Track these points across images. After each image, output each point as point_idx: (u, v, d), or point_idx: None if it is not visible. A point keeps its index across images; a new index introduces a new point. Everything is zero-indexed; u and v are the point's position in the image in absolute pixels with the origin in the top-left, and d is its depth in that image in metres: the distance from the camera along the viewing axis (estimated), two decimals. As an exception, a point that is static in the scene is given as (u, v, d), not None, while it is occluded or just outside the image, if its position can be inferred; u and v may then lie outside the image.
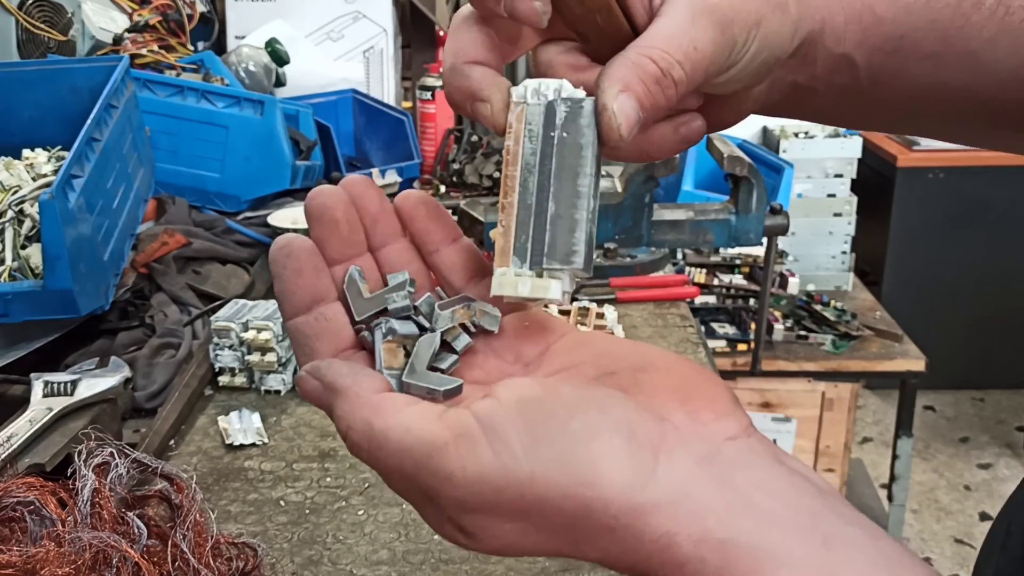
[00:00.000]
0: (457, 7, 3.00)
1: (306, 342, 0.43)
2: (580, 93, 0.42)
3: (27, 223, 1.26)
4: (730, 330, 2.44)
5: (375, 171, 1.94)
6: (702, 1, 0.42)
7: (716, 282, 2.49)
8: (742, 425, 0.38)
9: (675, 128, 0.46)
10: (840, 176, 2.82)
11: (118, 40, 1.84)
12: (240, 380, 1.28)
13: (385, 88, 2.27)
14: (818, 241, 2.81)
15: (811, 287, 2.75)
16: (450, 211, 1.92)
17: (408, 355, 0.42)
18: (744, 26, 0.42)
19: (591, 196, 0.40)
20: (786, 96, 0.50)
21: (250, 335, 1.25)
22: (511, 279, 0.40)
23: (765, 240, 2.10)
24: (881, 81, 0.49)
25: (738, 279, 2.49)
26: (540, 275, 0.40)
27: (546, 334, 0.43)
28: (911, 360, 2.41)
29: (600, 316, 1.42)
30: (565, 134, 0.41)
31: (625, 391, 0.38)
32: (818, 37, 0.47)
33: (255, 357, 1.26)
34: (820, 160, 2.79)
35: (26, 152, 1.40)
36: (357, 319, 0.43)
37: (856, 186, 2.87)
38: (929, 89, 0.49)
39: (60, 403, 1.09)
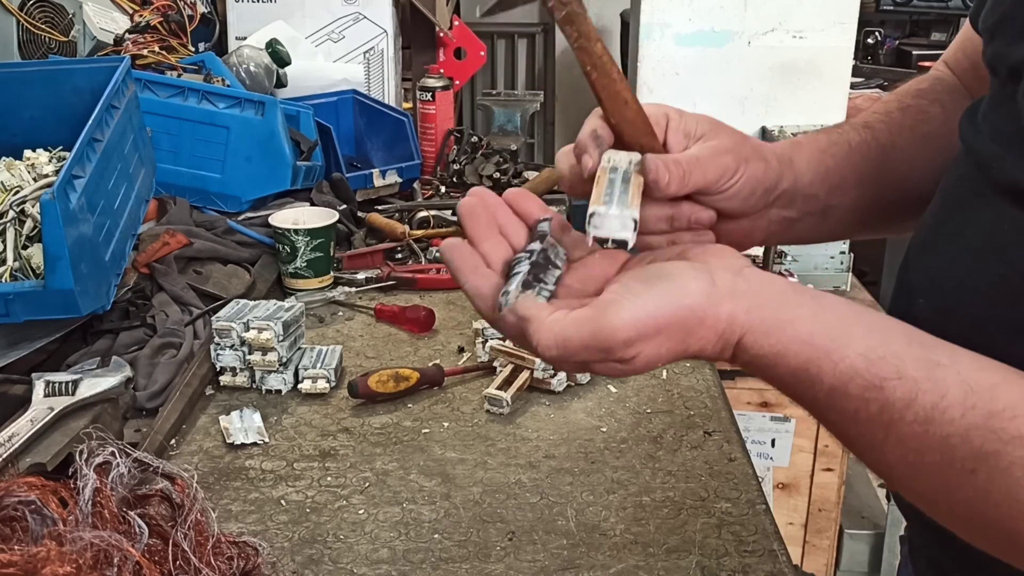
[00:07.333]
0: (457, 8, 3.00)
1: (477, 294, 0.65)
2: (637, 156, 0.69)
3: (28, 223, 1.26)
4: (729, 330, 2.43)
5: (376, 171, 1.94)
6: (708, 146, 0.71)
7: (716, 282, 2.49)
8: (746, 262, 0.63)
9: (694, 237, 0.72)
10: (839, 176, 2.81)
11: (119, 41, 1.84)
12: (241, 380, 1.28)
13: (385, 89, 2.27)
14: (817, 241, 2.82)
15: (810, 287, 2.75)
16: (449, 211, 1.91)
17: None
18: (734, 160, 0.71)
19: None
20: (781, 227, 0.78)
21: (251, 335, 1.25)
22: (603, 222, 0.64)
23: (764, 240, 2.10)
24: (832, 204, 0.80)
25: (738, 279, 2.49)
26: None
27: (615, 261, 0.67)
28: (910, 360, 2.41)
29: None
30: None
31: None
32: (796, 186, 0.77)
33: (256, 357, 1.26)
34: (819, 160, 2.78)
35: (27, 152, 1.40)
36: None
37: (855, 186, 2.85)
38: (857, 204, 0.81)
39: (61, 403, 1.10)
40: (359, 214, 1.83)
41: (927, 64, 3.68)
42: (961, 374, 0.53)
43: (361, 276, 1.62)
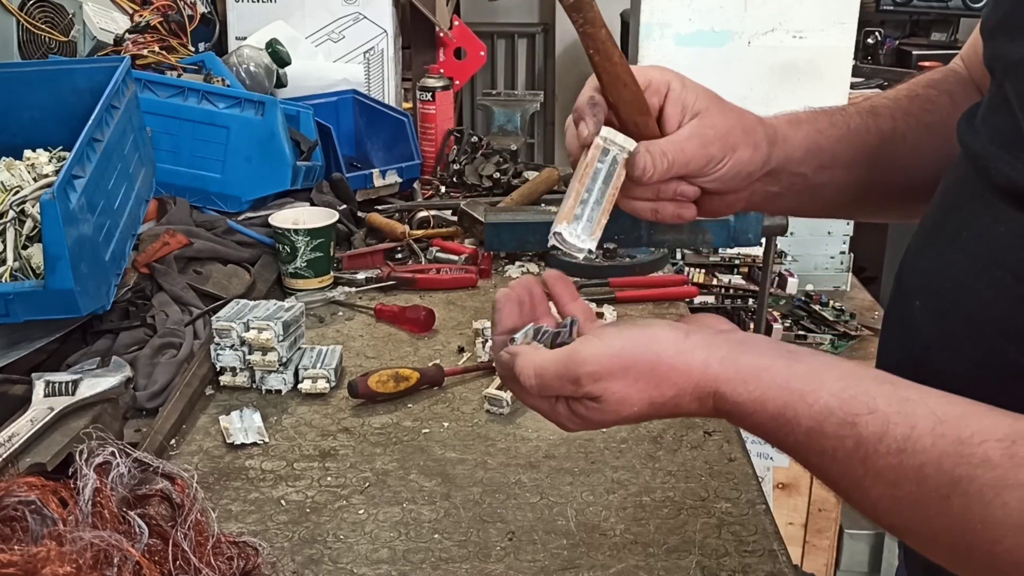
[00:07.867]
0: (457, 8, 3.00)
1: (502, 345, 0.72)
2: (631, 144, 0.75)
3: (28, 223, 1.26)
4: (729, 330, 2.43)
5: (376, 171, 1.94)
6: (699, 130, 0.74)
7: (715, 282, 2.50)
8: (731, 326, 0.68)
9: (677, 207, 0.77)
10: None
11: (119, 41, 1.84)
12: (241, 380, 1.28)
13: (385, 89, 2.27)
14: (817, 241, 2.82)
15: (810, 287, 2.75)
16: (450, 211, 1.91)
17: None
18: (721, 150, 0.74)
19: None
20: (764, 199, 0.82)
21: (251, 335, 1.25)
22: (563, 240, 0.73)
23: (764, 240, 2.11)
24: (822, 183, 0.82)
25: (737, 279, 2.50)
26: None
27: None
28: (910, 360, 2.41)
29: (600, 316, 1.42)
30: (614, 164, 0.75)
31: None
32: (785, 164, 0.79)
33: (256, 357, 1.26)
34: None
35: (27, 152, 1.40)
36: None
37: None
38: (851, 185, 0.83)
39: (61, 403, 1.10)
40: (359, 214, 1.83)
41: (927, 64, 3.68)
42: (930, 407, 0.56)
43: (361, 276, 1.62)
